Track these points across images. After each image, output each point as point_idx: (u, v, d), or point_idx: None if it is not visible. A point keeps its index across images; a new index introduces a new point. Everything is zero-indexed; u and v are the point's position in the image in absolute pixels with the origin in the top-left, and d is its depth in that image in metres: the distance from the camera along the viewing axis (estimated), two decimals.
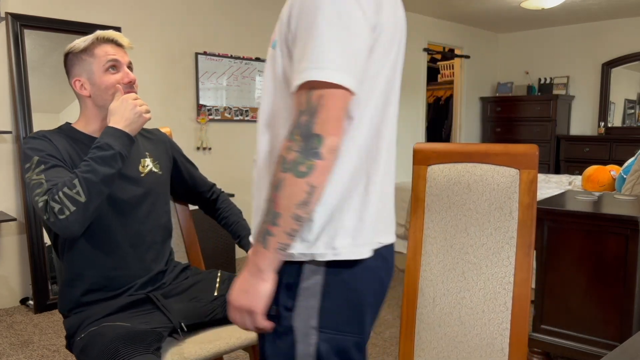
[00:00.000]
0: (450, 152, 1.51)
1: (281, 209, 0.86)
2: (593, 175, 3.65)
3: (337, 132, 0.85)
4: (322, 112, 0.84)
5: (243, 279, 0.92)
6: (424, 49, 6.03)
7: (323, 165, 0.84)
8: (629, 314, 2.09)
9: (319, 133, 0.83)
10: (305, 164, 0.84)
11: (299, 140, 0.84)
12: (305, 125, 0.84)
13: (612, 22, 6.08)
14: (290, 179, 0.84)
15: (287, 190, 0.85)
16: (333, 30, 0.84)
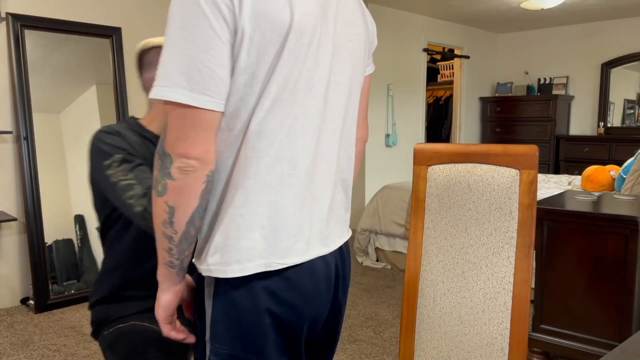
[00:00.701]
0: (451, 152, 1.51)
1: (155, 227, 0.88)
2: (592, 175, 3.65)
3: (184, 152, 0.81)
4: (169, 131, 0.82)
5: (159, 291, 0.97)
6: (424, 49, 6.04)
7: (175, 185, 0.82)
8: (628, 313, 2.10)
9: (169, 152, 0.82)
10: (161, 183, 0.84)
11: (158, 158, 0.84)
12: (160, 144, 0.84)
13: (612, 22, 6.09)
14: (154, 197, 0.86)
15: (155, 209, 0.86)
16: (174, 44, 0.81)
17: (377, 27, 5.47)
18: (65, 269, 3.31)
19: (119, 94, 3.55)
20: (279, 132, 0.88)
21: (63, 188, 3.33)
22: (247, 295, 0.89)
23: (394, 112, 5.79)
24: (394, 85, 5.73)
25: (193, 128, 0.81)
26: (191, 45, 0.80)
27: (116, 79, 3.55)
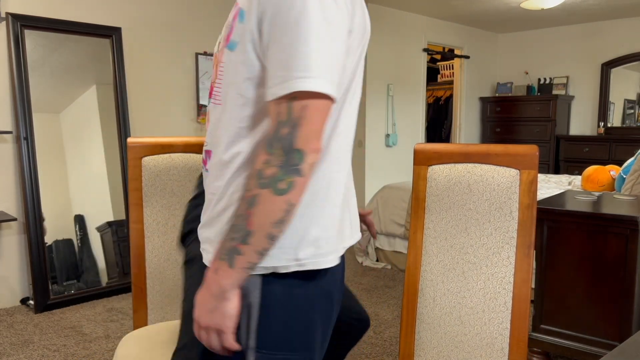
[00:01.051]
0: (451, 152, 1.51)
1: (255, 227, 0.79)
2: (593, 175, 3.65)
3: (318, 147, 0.79)
4: (305, 126, 0.78)
5: (205, 298, 0.85)
6: (424, 49, 6.04)
7: (303, 183, 0.79)
8: (628, 313, 2.10)
9: (302, 148, 0.78)
10: (285, 180, 0.78)
11: (280, 154, 0.77)
12: (287, 139, 0.77)
13: (612, 22, 6.09)
14: (267, 196, 0.78)
15: (263, 208, 0.78)
16: (320, 37, 0.78)
17: (377, 27, 5.47)
18: (65, 269, 3.31)
19: (119, 94, 3.55)
20: (352, 127, 0.95)
21: (63, 188, 3.33)
22: (311, 290, 0.90)
23: (394, 112, 5.78)
24: (394, 85, 5.73)
25: (324, 122, 0.81)
26: (334, 40, 0.80)
27: (116, 79, 3.55)
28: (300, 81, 0.77)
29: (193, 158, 1.79)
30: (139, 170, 1.72)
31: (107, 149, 3.53)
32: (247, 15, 0.83)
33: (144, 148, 1.73)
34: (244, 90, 0.86)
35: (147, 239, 1.75)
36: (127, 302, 3.33)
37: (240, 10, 0.85)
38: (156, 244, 1.76)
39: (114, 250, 3.53)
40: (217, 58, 0.94)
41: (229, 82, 0.89)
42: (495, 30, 6.84)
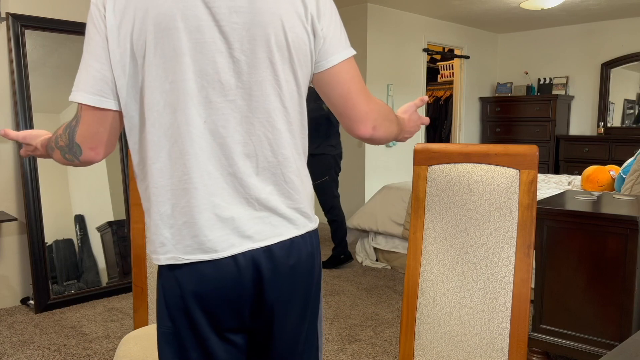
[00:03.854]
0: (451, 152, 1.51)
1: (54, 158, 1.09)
2: (592, 175, 3.65)
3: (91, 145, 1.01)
4: (81, 126, 1.01)
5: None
6: (424, 49, 6.04)
7: (70, 163, 1.05)
8: (628, 313, 2.10)
9: (78, 142, 1.00)
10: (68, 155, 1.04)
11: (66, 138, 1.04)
12: (72, 131, 1.02)
13: (612, 22, 6.09)
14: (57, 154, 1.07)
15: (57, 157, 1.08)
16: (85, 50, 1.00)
17: (377, 27, 5.47)
18: (65, 269, 3.31)
19: None
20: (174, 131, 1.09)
21: (63, 188, 3.33)
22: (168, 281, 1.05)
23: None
24: (394, 85, 5.73)
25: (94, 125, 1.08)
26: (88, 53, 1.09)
27: None
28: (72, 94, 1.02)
29: None
30: None
31: None
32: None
33: None
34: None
35: None
36: (127, 302, 3.33)
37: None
38: None
39: (114, 250, 3.53)
40: None
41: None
42: (495, 31, 6.85)
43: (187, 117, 0.92)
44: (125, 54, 0.93)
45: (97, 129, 0.98)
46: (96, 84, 0.96)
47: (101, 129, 0.97)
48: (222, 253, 0.95)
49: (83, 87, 0.97)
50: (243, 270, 0.96)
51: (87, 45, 0.96)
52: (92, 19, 0.94)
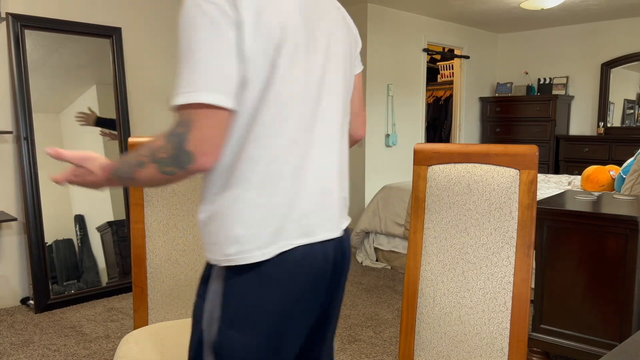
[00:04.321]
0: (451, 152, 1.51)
1: (137, 179, 0.94)
2: (592, 175, 3.65)
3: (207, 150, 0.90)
4: (195, 134, 0.88)
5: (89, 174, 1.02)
6: (424, 49, 6.04)
7: (182, 175, 0.91)
8: (628, 313, 2.10)
9: (188, 152, 0.88)
10: (170, 167, 0.91)
11: (172, 149, 0.89)
12: (181, 139, 0.89)
13: (612, 22, 6.09)
14: (153, 169, 0.91)
15: (147, 173, 0.92)
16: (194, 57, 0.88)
17: (377, 27, 5.47)
18: (65, 269, 3.31)
19: (119, 94, 3.55)
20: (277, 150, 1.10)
21: (63, 188, 3.33)
22: (263, 283, 1.06)
23: (394, 112, 5.78)
24: (394, 85, 5.73)
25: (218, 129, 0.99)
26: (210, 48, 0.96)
27: (116, 79, 3.55)
28: (177, 96, 0.89)
29: None
30: None
31: (107, 149, 3.53)
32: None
33: None
34: None
35: (148, 239, 1.75)
36: (127, 302, 3.33)
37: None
38: (157, 244, 1.76)
39: (114, 250, 3.53)
40: None
41: None
42: (495, 31, 6.85)
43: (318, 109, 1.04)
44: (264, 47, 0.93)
45: (215, 132, 0.90)
46: (219, 83, 0.89)
47: (218, 132, 0.90)
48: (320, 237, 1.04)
49: (203, 86, 0.87)
50: (332, 252, 1.08)
51: (200, 43, 0.88)
52: (210, 15, 0.88)
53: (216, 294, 1.00)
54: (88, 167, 1.02)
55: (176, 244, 1.78)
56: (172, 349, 1.52)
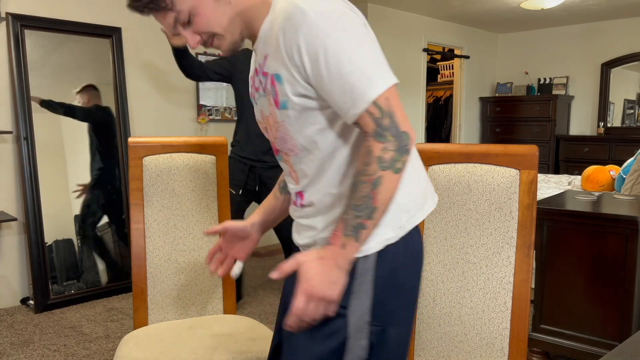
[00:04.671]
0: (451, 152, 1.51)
1: (379, 203, 0.93)
2: (592, 175, 3.65)
3: (410, 125, 0.95)
4: (397, 113, 0.92)
5: (329, 271, 0.94)
6: (424, 49, 6.04)
7: (409, 159, 0.95)
8: (628, 313, 2.10)
9: (404, 131, 0.92)
10: (401, 160, 0.92)
11: (393, 140, 0.91)
12: (393, 126, 0.91)
13: (612, 22, 6.09)
14: (389, 176, 0.92)
15: (386, 186, 0.92)
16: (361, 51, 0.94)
17: (377, 27, 5.47)
18: (65, 269, 3.31)
19: (119, 94, 3.55)
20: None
21: (63, 188, 3.33)
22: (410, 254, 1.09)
23: None
24: None
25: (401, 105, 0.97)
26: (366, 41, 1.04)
27: (116, 79, 3.55)
28: (370, 92, 0.91)
29: (194, 158, 1.79)
30: (140, 170, 1.72)
31: (107, 149, 3.53)
32: (285, 76, 0.96)
33: (145, 148, 1.73)
34: (316, 127, 1.00)
35: (148, 239, 1.75)
36: (127, 302, 3.33)
37: (276, 75, 0.98)
38: (157, 244, 1.76)
39: (114, 250, 3.53)
40: (270, 120, 1.05)
41: (297, 132, 1.01)
42: (495, 30, 6.85)
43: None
44: None
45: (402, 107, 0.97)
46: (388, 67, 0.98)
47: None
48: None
49: (386, 70, 0.95)
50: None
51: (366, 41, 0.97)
52: (359, 20, 0.98)
53: (365, 294, 1.00)
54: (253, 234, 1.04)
55: (176, 244, 1.78)
56: (172, 349, 1.52)
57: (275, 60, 0.97)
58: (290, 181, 1.12)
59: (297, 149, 1.03)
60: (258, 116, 1.12)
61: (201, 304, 1.81)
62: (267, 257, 4.54)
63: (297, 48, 0.92)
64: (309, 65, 0.92)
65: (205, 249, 1.80)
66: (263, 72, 1.02)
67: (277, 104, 1.00)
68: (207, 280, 1.80)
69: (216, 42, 1.02)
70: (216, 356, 1.47)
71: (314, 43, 0.91)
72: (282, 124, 1.02)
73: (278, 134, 1.05)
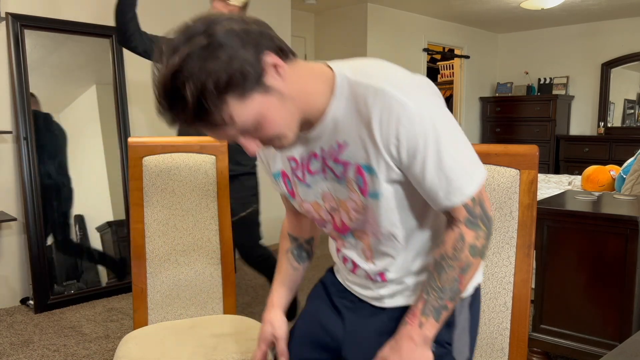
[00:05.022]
0: None
1: (464, 287, 0.99)
2: (592, 175, 3.65)
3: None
4: (485, 201, 0.99)
5: (411, 351, 0.97)
6: (424, 49, 6.04)
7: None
8: (628, 313, 2.10)
9: (491, 217, 1.00)
10: (487, 246, 1.00)
11: (484, 229, 0.98)
12: (484, 214, 0.98)
13: (612, 22, 6.09)
14: (477, 262, 0.99)
15: (473, 271, 0.99)
16: (459, 146, 0.95)
17: (377, 27, 5.47)
18: (65, 269, 3.31)
19: (119, 94, 3.55)
20: None
21: (63, 187, 3.33)
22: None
23: None
24: None
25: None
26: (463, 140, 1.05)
27: (116, 79, 3.54)
28: (471, 187, 0.96)
29: (194, 158, 1.79)
30: (139, 170, 1.72)
31: (107, 149, 3.53)
32: (378, 166, 0.95)
33: (145, 148, 1.73)
34: (405, 212, 1.03)
35: (148, 239, 1.75)
36: (127, 302, 3.33)
37: (366, 167, 0.96)
38: (157, 244, 1.76)
39: (114, 250, 3.53)
40: (348, 205, 1.05)
41: (384, 217, 1.02)
42: (495, 30, 6.85)
43: None
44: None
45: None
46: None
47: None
48: None
49: (478, 159, 1.00)
50: None
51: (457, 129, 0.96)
52: (442, 102, 0.97)
53: (464, 331, 1.11)
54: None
55: (176, 244, 1.78)
56: (172, 349, 1.52)
57: (362, 149, 0.94)
58: (357, 256, 1.13)
59: (380, 232, 1.04)
60: (309, 197, 1.10)
61: (201, 304, 1.81)
62: None
63: (395, 142, 0.90)
64: (406, 157, 0.92)
65: (205, 248, 1.80)
66: (335, 159, 0.99)
67: (364, 192, 1.00)
68: (207, 280, 1.80)
69: (277, 142, 0.93)
70: (216, 356, 1.47)
71: (414, 137, 0.89)
72: (368, 209, 1.02)
73: (359, 216, 1.05)
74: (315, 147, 1.01)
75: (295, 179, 1.09)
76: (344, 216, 1.07)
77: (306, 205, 1.12)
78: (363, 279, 1.15)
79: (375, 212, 1.01)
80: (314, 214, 1.12)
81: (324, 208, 1.09)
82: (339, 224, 1.09)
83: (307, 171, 1.05)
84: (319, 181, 1.05)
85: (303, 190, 1.09)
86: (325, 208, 1.09)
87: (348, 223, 1.08)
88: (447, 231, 1.00)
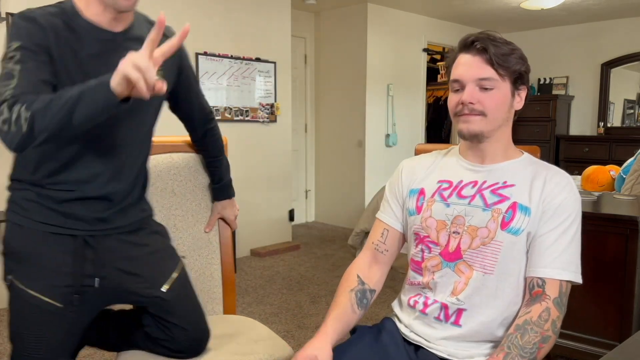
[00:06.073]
0: None
1: (540, 355, 1.08)
2: (592, 175, 3.65)
3: None
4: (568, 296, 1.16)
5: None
6: (424, 49, 6.04)
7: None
8: (628, 313, 2.10)
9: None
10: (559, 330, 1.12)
11: (563, 314, 1.12)
12: (566, 302, 1.13)
13: (612, 22, 6.09)
14: (553, 340, 1.10)
15: (549, 346, 1.09)
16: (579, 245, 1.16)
17: (377, 27, 5.47)
18: None
19: None
20: None
21: None
22: None
23: (394, 112, 5.79)
24: (394, 86, 5.73)
25: None
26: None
27: None
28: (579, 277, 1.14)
29: (194, 158, 1.79)
30: None
31: None
32: (534, 213, 1.14)
33: None
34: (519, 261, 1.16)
35: None
36: None
37: (523, 207, 1.15)
38: None
39: None
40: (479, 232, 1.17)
41: (508, 258, 1.15)
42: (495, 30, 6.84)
43: None
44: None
45: None
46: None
47: None
48: None
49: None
50: None
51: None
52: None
53: None
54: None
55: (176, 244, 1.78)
56: None
57: (526, 194, 1.15)
58: (440, 292, 1.19)
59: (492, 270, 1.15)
60: (440, 215, 1.21)
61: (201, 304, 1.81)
62: (267, 257, 4.54)
63: (554, 205, 1.13)
64: (552, 219, 1.13)
65: (205, 249, 1.80)
66: (493, 190, 1.18)
67: (504, 225, 1.15)
68: (207, 280, 1.80)
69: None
70: (216, 356, 1.47)
71: (568, 209, 1.13)
72: (499, 244, 1.15)
73: (481, 246, 1.16)
74: (479, 178, 1.20)
75: (436, 197, 1.23)
76: (464, 241, 1.17)
77: (431, 221, 1.21)
78: (431, 318, 1.19)
79: (502, 249, 1.14)
80: (431, 231, 1.21)
81: (447, 228, 1.19)
82: (451, 249, 1.18)
83: (457, 194, 1.20)
84: (461, 204, 1.19)
85: (438, 207, 1.21)
86: (449, 229, 1.19)
87: (464, 249, 1.17)
88: (529, 304, 1.12)
